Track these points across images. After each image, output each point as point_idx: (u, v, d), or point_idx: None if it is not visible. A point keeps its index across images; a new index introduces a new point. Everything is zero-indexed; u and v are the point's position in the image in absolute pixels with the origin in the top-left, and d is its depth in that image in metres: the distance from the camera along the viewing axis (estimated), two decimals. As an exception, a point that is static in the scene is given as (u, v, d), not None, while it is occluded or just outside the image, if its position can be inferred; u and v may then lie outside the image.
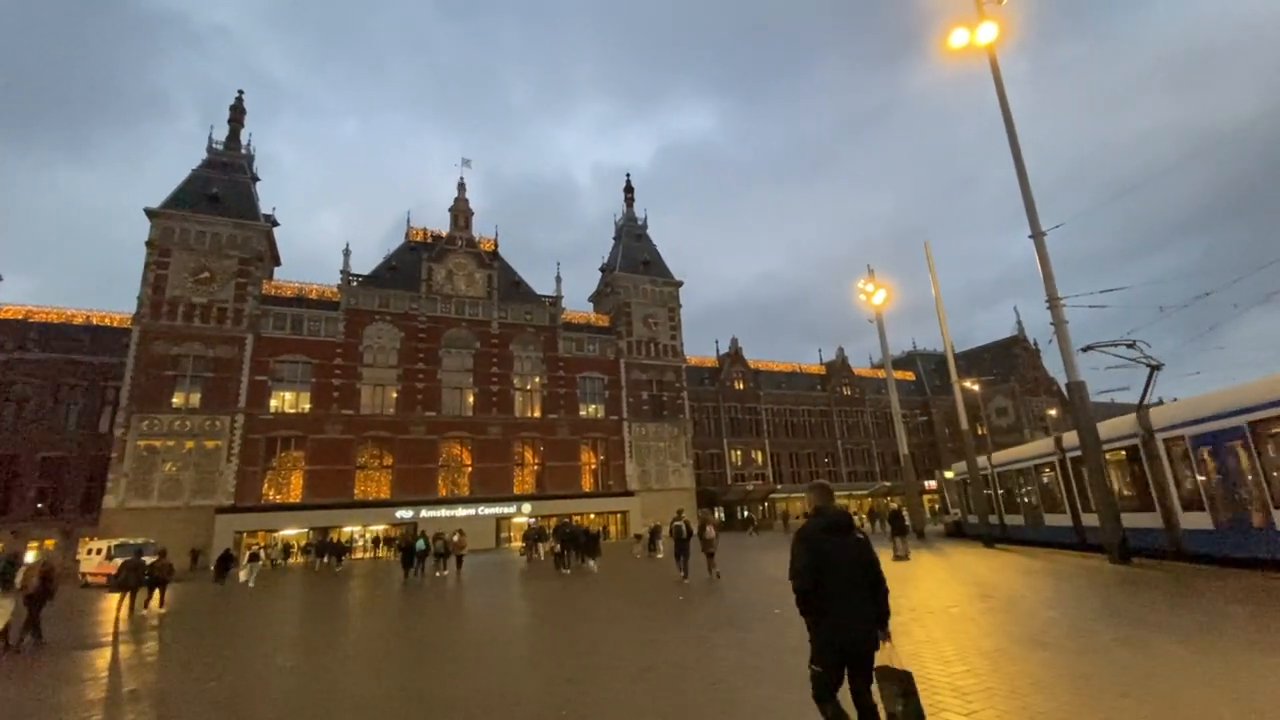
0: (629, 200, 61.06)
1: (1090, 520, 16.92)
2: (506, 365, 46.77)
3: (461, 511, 41.17)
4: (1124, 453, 15.68)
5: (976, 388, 57.69)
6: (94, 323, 42.56)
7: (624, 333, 51.67)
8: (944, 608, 10.10)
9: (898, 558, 18.60)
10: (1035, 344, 73.40)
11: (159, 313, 37.86)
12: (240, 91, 48.43)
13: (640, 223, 59.99)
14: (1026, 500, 22.42)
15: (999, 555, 19.06)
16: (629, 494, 46.99)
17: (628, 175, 62.60)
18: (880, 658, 3.90)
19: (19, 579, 12.19)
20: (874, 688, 3.91)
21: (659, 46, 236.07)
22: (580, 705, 6.00)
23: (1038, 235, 16.28)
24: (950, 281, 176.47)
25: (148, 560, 17.86)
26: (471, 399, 45.22)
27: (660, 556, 24.83)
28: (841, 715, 3.82)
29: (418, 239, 48.81)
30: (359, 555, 38.31)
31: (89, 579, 27.26)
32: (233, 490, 36.82)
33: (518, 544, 36.98)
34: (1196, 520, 13.42)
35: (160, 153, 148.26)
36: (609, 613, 12.33)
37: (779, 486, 58.23)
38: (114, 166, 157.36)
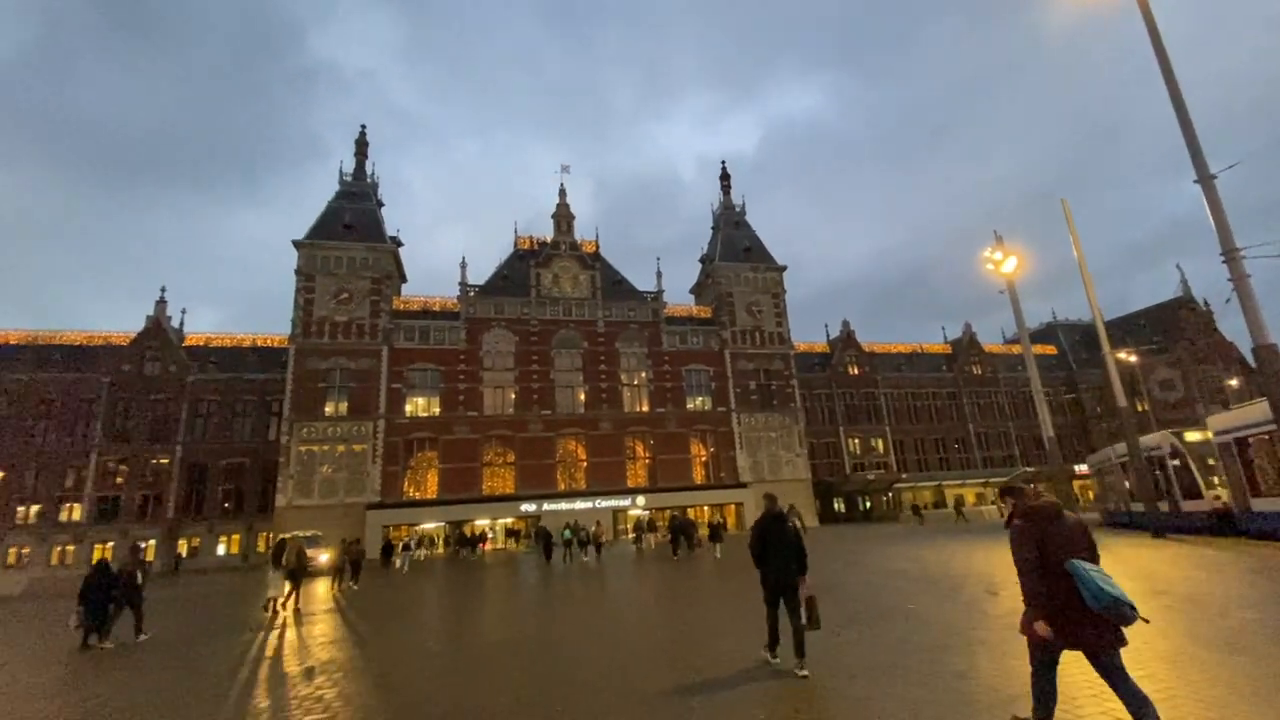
0: (726, 188, 60.14)
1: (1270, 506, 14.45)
2: (613, 362, 47.86)
3: (580, 504, 42.67)
4: None
5: (1134, 359, 50.95)
6: (259, 344, 48.84)
7: (727, 323, 51.06)
8: (1108, 605, 9.02)
9: None
10: (1207, 304, 63.80)
11: (309, 332, 42.54)
12: (363, 126, 53.10)
13: (738, 210, 58.89)
14: (1209, 481, 19.59)
15: (1170, 546, 16.79)
16: (741, 486, 46.45)
17: (723, 163, 61.64)
18: (802, 591, 6.78)
19: (284, 559, 15.48)
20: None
21: (758, 30, 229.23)
22: (708, 706, 5.98)
23: (1206, 180, 14.05)
24: (1096, 243, 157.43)
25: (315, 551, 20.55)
26: (583, 396, 46.74)
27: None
28: (776, 619, 7.01)
29: (525, 247, 51.10)
30: (492, 546, 40.87)
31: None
32: (378, 488, 40.68)
33: (630, 535, 37.92)
34: None
35: (315, 189, 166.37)
36: (725, 595, 12.21)
37: (904, 476, 54.94)
38: (281, 205, 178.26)
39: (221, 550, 43.01)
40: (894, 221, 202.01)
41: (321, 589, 21.34)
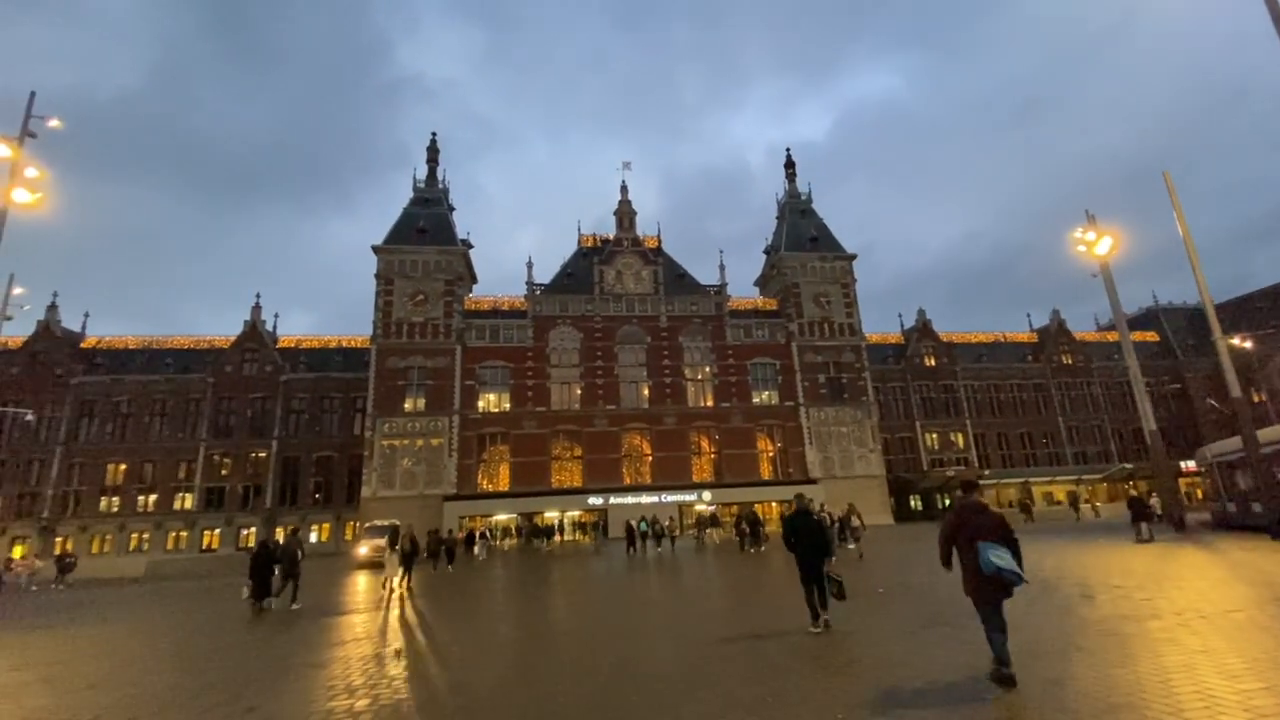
0: (791, 176, 58.74)
1: None
2: (677, 357, 47.83)
3: (645, 499, 42.99)
4: None
5: (1249, 345, 46.21)
6: (344, 345, 51.88)
7: (793, 315, 49.98)
8: (1222, 612, 8.31)
9: (1141, 541, 19.39)
10: (1340, 283, 57.03)
11: (389, 333, 44.81)
12: (434, 134, 55.23)
13: (804, 198, 57.43)
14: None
15: (1300, 552, 15.18)
16: (811, 482, 45.33)
17: (788, 150, 60.21)
18: (826, 569, 8.56)
19: (399, 544, 17.85)
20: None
21: (830, 12, 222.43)
22: (782, 696, 5.96)
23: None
24: (1210, 219, 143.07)
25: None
26: (647, 391, 47.01)
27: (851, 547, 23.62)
28: (812, 594, 8.60)
29: (589, 244, 51.80)
30: (560, 539, 41.88)
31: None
32: (454, 480, 42.45)
33: (692, 530, 37.95)
34: None
35: (400, 196, 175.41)
36: (786, 584, 12.02)
37: (986, 471, 52.09)
38: (369, 213, 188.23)
39: (314, 538, 46.13)
40: (979, 204, 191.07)
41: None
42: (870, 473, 47.06)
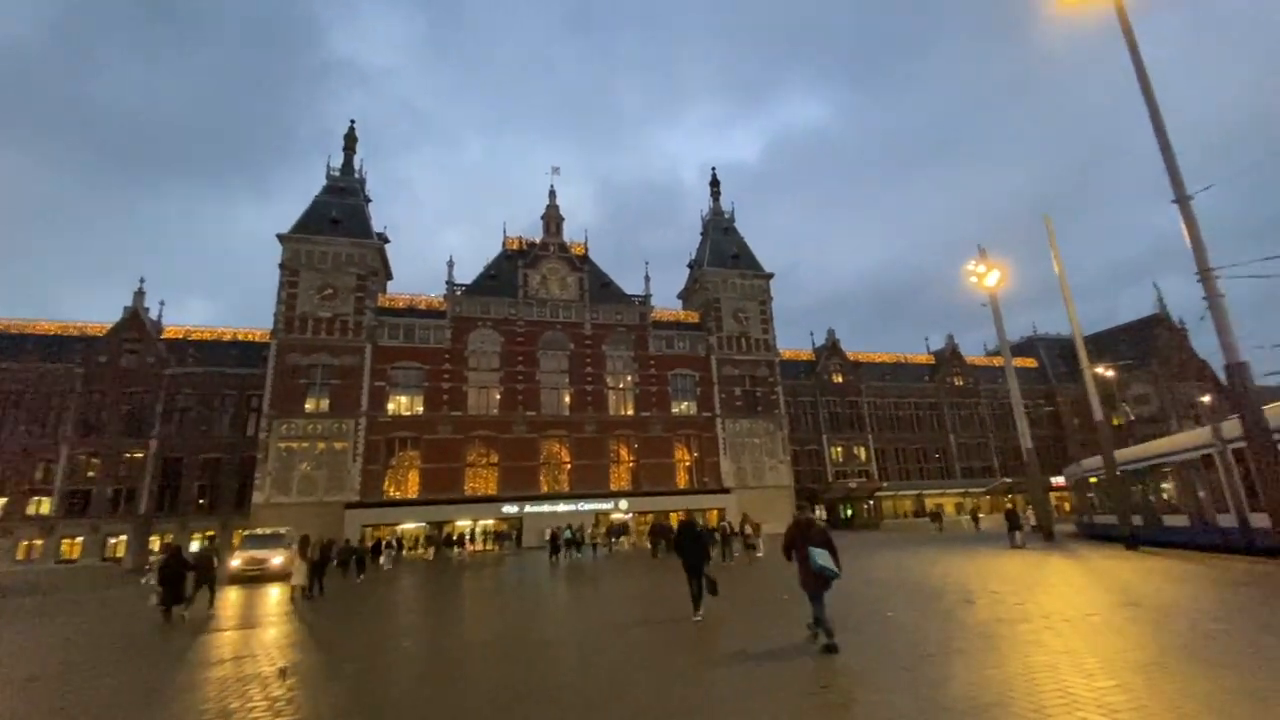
0: (716, 195, 60.34)
1: (1260, 521, 14.74)
2: (599, 365, 47.77)
3: (562, 507, 42.46)
4: None
5: (1110, 374, 51.89)
6: (241, 339, 48.14)
7: (714, 329, 51.21)
8: (1082, 615, 9.17)
9: (1014, 547, 22.51)
10: (1181, 323, 65.24)
11: (292, 328, 41.95)
12: (352, 122, 52.63)
13: (728, 216, 59.13)
14: (1182, 496, 19.96)
15: (1144, 559, 17.08)
16: (724, 491, 46.49)
17: (713, 170, 61.87)
18: (706, 570, 10.54)
19: (309, 551, 17.69)
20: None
21: (769, 43, 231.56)
22: (686, 697, 5.98)
23: (1183, 200, 14.39)
24: (1088, 259, 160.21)
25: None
26: (568, 398, 46.59)
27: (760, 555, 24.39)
28: (692, 588, 10.67)
29: (514, 248, 50.88)
30: (473, 548, 40.53)
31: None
32: (358, 487, 40.16)
33: (603, 538, 38.00)
34: None
35: (321, 185, 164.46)
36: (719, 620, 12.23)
37: (884, 484, 55.36)
38: (290, 200, 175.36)
39: (195, 547, 42.17)
40: (893, 234, 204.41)
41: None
42: (780, 483, 48.76)
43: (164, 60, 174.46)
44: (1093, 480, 27.06)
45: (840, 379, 59.59)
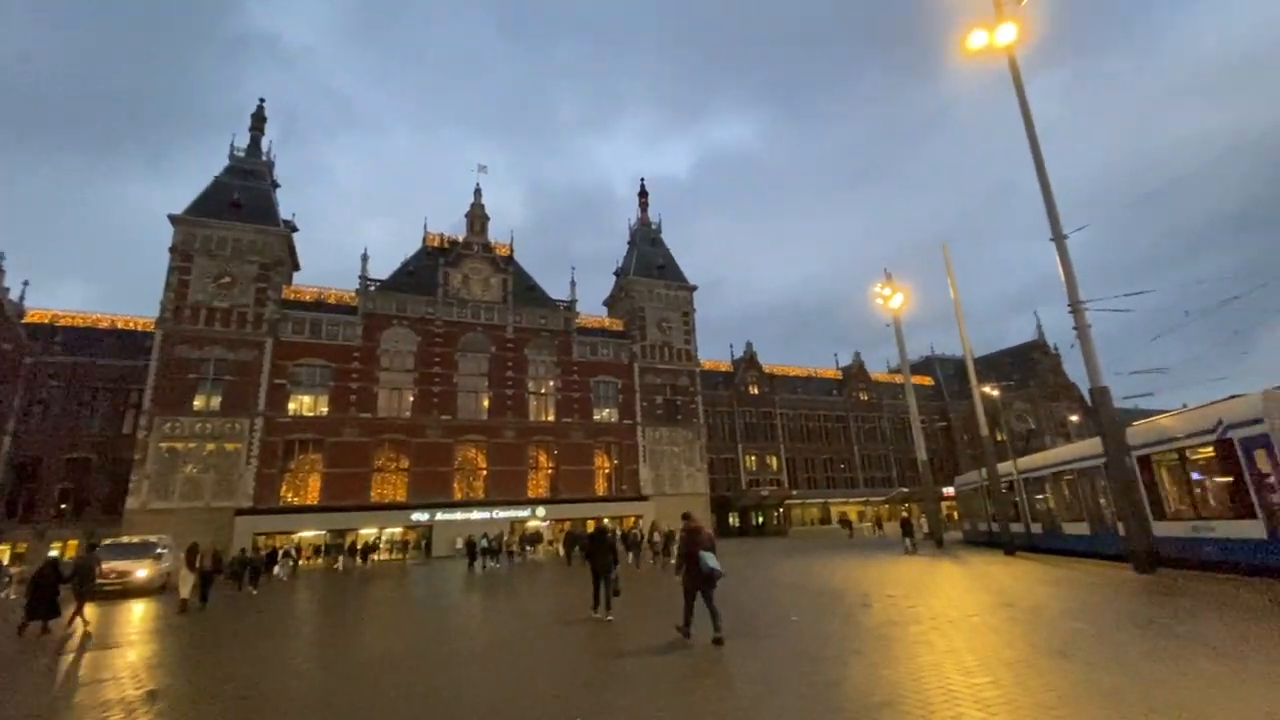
0: (643, 205, 61.11)
1: (1162, 530, 16.25)
2: (521, 369, 46.95)
3: (477, 514, 41.29)
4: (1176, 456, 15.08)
5: (996, 393, 56.65)
6: (121, 327, 43.57)
7: (637, 337, 51.65)
8: (964, 616, 9.90)
9: (907, 552, 24.39)
10: (1056, 349, 72.25)
11: (181, 317, 38.51)
12: (261, 99, 49.34)
13: (655, 227, 59.98)
14: (1054, 507, 21.97)
15: (1020, 563, 18.70)
16: (643, 499, 46.85)
17: (641, 180, 62.71)
18: (613, 574, 11.66)
19: (198, 561, 16.85)
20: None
21: (703, 61, 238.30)
22: (593, 712, 5.94)
23: (1059, 239, 16.01)
24: (986, 287, 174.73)
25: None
26: (487, 402, 45.45)
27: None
28: (598, 589, 11.74)
29: (434, 244, 49.23)
30: (381, 557, 38.55)
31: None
32: (252, 492, 37.28)
33: (517, 546, 37.39)
34: (1246, 529, 12.77)
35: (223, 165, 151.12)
36: (634, 616, 12.24)
37: (794, 492, 57.68)
38: (191, 180, 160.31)
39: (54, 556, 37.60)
40: (812, 255, 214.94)
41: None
42: (697, 490, 49.69)
43: (49, 9, 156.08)
44: (986, 487, 29.34)
45: (756, 390, 61.65)
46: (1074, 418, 66.55)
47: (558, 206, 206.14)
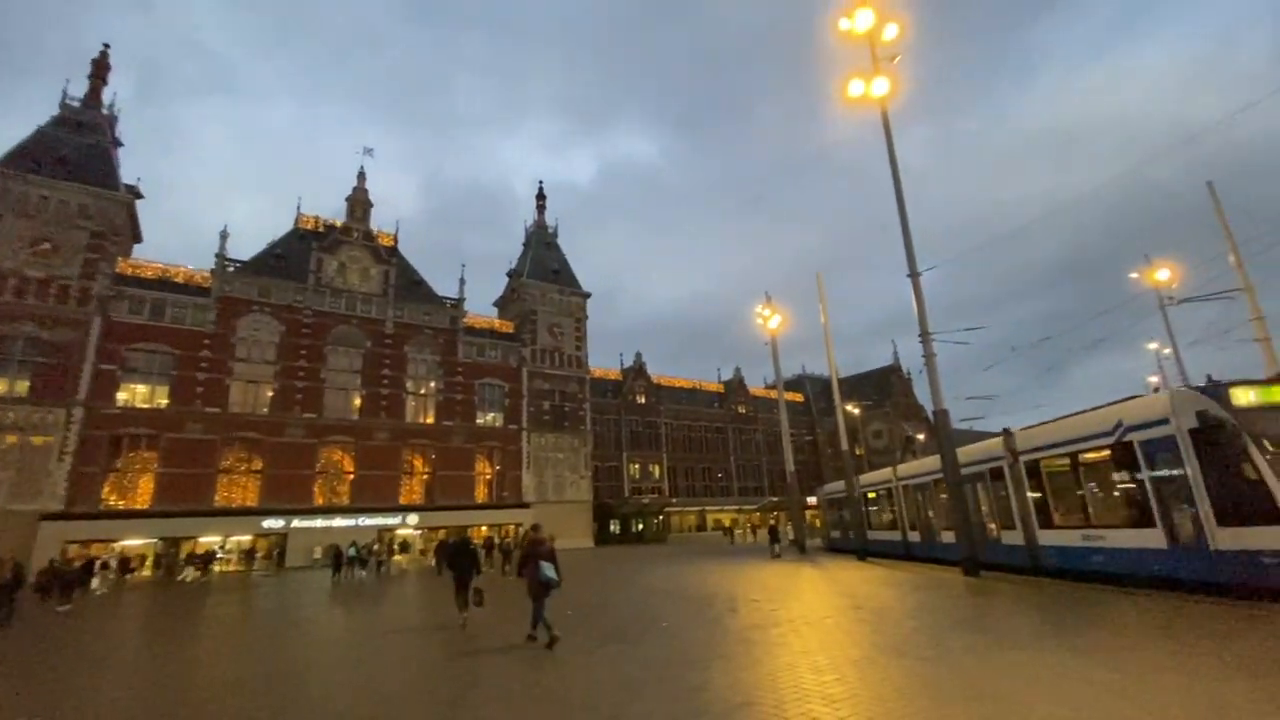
0: (541, 208, 60.48)
1: (948, 537, 18.36)
2: (399, 367, 44.45)
3: (340, 522, 38.43)
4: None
5: (857, 411, 61.97)
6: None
7: (528, 340, 50.81)
8: (820, 618, 10.67)
9: (774, 555, 26.59)
10: (909, 373, 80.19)
11: (-20, 285, 32.61)
12: (106, 45, 43.22)
13: (551, 231, 59.54)
14: (901, 517, 24.24)
15: (871, 568, 20.46)
16: (524, 506, 45.93)
17: (540, 183, 62.08)
18: (474, 583, 11.85)
19: None
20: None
21: (612, 75, 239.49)
22: (415, 653, 5.75)
23: (914, 275, 17.87)
24: (856, 314, 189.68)
25: None
26: (358, 401, 42.52)
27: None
28: (461, 599, 11.87)
29: (308, 227, 45.51)
30: (222, 567, 34.63)
31: None
32: (63, 494, 32.15)
33: (382, 553, 35.57)
34: (1051, 537, 14.38)
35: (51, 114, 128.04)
36: (497, 627, 11.93)
37: (674, 500, 59.30)
38: (16, 128, 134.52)
39: None
40: (705, 272, 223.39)
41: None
42: (580, 498, 49.58)
43: None
44: (844, 497, 31.78)
45: (644, 400, 62.82)
46: (921, 436, 74.10)
47: (454, 202, 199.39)
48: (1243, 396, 10.38)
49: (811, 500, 51.40)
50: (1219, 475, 10.34)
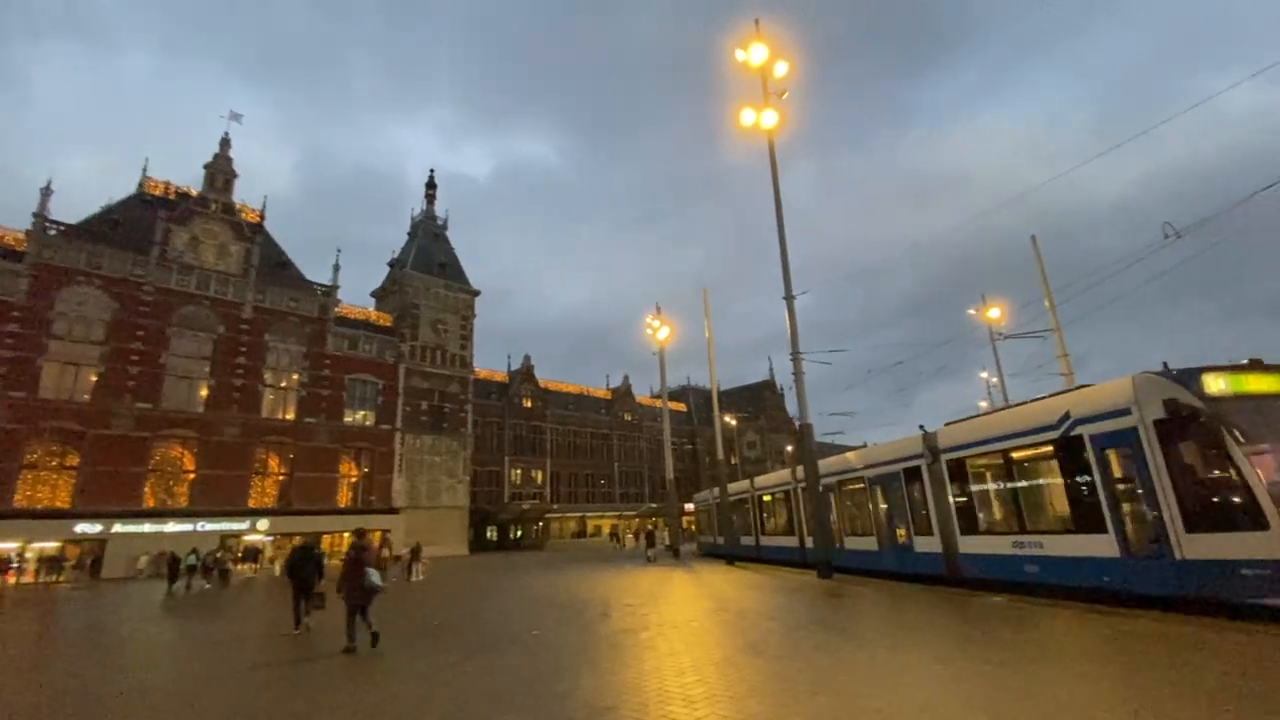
0: (430, 198, 57.90)
1: (968, 545, 19.25)
2: (257, 356, 40.49)
3: (174, 526, 34.23)
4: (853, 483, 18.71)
5: (734, 422, 65.10)
6: None
7: (408, 335, 48.28)
8: (686, 621, 11.06)
9: (648, 560, 27.44)
10: (781, 389, 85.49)
11: None
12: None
13: (440, 222, 57.17)
14: (763, 522, 25.71)
15: (738, 572, 21.51)
16: (393, 511, 43.36)
17: (431, 171, 59.71)
18: (317, 588, 11.71)
19: None
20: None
21: (519, 73, 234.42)
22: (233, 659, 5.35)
23: (789, 298, 19.16)
24: (739, 330, 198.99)
25: None
26: (205, 392, 38.22)
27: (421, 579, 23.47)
28: (298, 606, 11.87)
29: (155, 191, 40.39)
30: (15, 579, 29.49)
31: None
32: None
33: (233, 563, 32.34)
34: (974, 544, 13.76)
35: None
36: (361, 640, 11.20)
37: (554, 506, 58.78)
38: None
39: None
40: (601, 280, 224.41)
41: None
42: (456, 504, 47.71)
43: None
44: (717, 504, 33.13)
45: (530, 404, 61.84)
46: (789, 448, 79.16)
47: (339, 184, 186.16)
48: (1216, 384, 9.10)
49: (689, 506, 53.22)
50: (1188, 474, 9.04)
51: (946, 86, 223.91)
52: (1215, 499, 8.77)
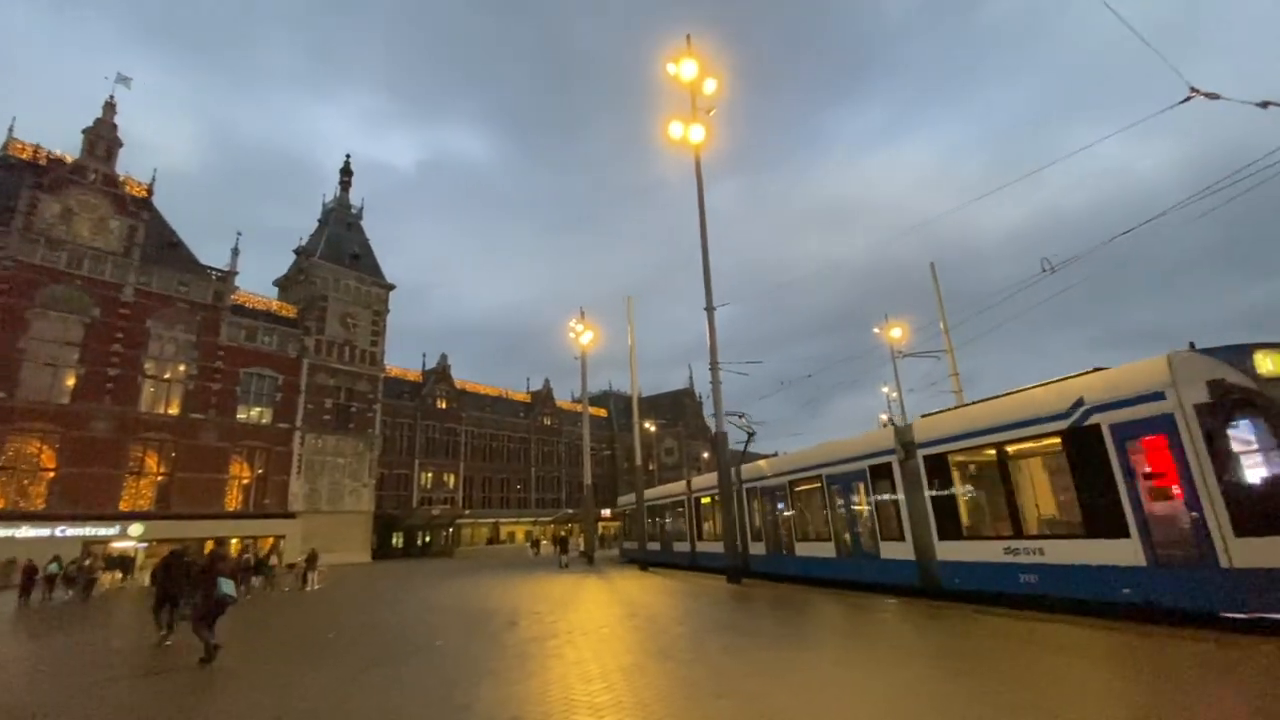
0: (345, 184, 54.93)
1: (713, 547, 20.18)
2: (137, 344, 36.74)
3: (27, 531, 30.40)
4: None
5: (653, 429, 65.74)
6: None
7: (313, 329, 45.40)
8: (596, 628, 11.01)
9: (561, 566, 28.31)
10: (700, 397, 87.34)
11: None
12: None
13: (355, 211, 54.34)
14: (681, 528, 26.07)
15: (651, 578, 21.68)
16: (289, 516, 40.50)
17: (348, 156, 56.41)
18: (184, 599, 10.86)
19: None
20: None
21: (448, 62, 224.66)
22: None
23: (710, 309, 19.63)
24: (663, 337, 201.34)
25: None
26: (72, 381, 34.28)
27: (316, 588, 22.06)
28: (167, 616, 11.37)
29: (22, 155, 35.96)
30: None
31: None
32: None
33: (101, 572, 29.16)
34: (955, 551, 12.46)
35: None
36: (245, 652, 10.32)
37: (466, 511, 56.99)
38: None
39: None
40: (525, 282, 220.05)
41: None
42: (359, 508, 45.23)
43: None
44: (635, 510, 33.26)
45: (444, 405, 59.72)
46: (705, 454, 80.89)
47: (246, 163, 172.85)
48: (1272, 362, 7.83)
49: (607, 512, 53.16)
50: (1237, 467, 7.69)
51: (864, 118, 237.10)
52: (1273, 496, 7.43)
